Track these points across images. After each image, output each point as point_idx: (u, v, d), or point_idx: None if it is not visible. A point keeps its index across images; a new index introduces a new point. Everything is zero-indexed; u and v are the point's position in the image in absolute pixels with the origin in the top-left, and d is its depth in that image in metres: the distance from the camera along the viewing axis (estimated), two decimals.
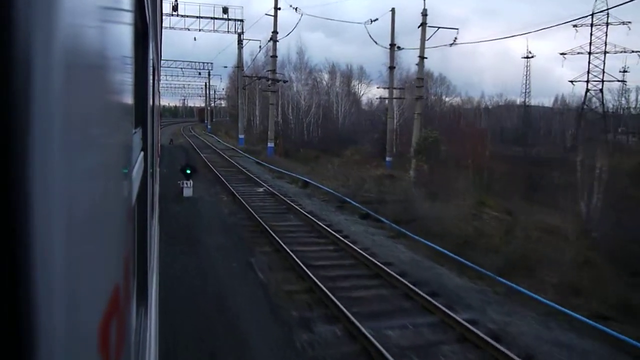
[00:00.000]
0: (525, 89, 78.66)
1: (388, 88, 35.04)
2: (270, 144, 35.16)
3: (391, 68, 34.46)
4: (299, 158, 37.69)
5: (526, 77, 79.17)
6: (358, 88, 68.78)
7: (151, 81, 2.34)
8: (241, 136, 40.87)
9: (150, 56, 2.19)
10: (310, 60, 56.59)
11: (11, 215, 0.32)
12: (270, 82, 34.46)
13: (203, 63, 72.89)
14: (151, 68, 2.33)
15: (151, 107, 2.35)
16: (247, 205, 15.90)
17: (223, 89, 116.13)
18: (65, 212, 0.38)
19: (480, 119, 58.06)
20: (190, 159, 26.84)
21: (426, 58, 32.57)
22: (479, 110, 63.75)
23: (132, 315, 1.11)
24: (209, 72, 73.01)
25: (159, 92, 6.31)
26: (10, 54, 0.31)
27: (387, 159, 35.62)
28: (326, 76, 58.28)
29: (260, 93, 68.88)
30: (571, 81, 59.21)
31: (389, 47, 33.81)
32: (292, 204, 17.08)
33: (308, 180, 22.34)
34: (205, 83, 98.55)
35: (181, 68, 73.96)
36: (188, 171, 16.65)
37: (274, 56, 34.19)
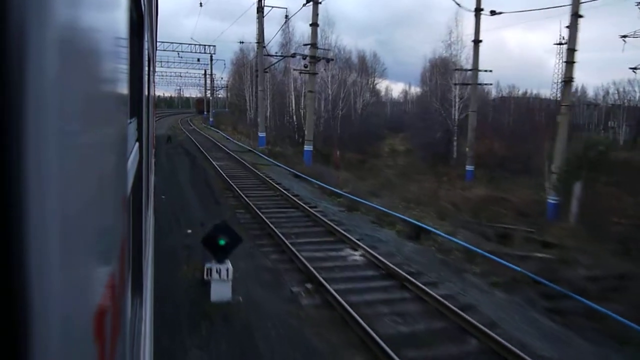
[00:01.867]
0: (558, 77, 69.38)
1: (472, 70, 25.28)
2: (309, 147, 25.37)
3: (476, 42, 24.74)
4: (342, 164, 28.03)
5: (558, 65, 69.92)
6: (372, 78, 58.98)
7: (146, 71, 2.33)
8: (262, 134, 31.08)
9: (146, 46, 2.15)
10: (339, 40, 46.81)
11: (6, 204, 0.32)
12: (309, 60, 24.61)
13: (204, 46, 62.82)
14: (147, 58, 2.32)
15: (146, 97, 2.25)
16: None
17: (222, 77, 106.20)
18: (60, 202, 0.38)
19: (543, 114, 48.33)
20: (210, 192, 16.97)
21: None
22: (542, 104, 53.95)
23: (127, 306, 1.14)
24: (211, 57, 63.09)
25: (154, 82, 6.70)
26: (3, 44, 0.31)
27: (469, 168, 25.95)
28: (355, 61, 48.47)
29: (271, 81, 59.10)
30: (633, 69, 49.40)
31: (473, 11, 24.11)
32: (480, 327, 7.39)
33: (418, 223, 12.60)
34: (205, 70, 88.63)
35: (179, 52, 63.76)
36: (221, 242, 7.03)
37: (315, 24, 24.31)
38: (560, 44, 68.33)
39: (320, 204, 15.90)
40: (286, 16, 29.43)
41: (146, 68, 2.30)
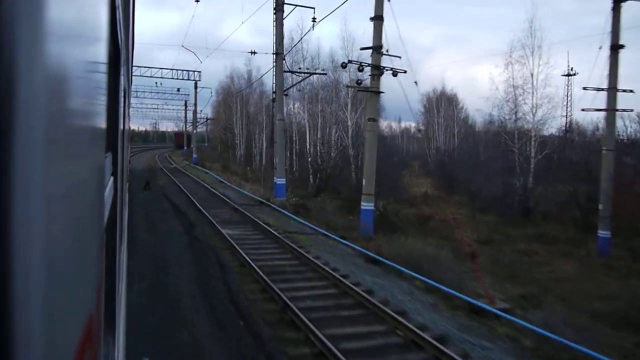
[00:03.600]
0: (567, 113, 62.96)
1: (608, 89, 17.14)
2: (369, 205, 16.53)
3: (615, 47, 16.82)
4: (401, 225, 19.26)
5: (568, 98, 63.64)
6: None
7: (122, 105, 2.33)
8: (281, 180, 22.06)
9: (122, 80, 2.16)
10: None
11: None
12: (371, 72, 16.11)
13: (188, 71, 54.22)
14: (122, 92, 2.32)
15: (122, 131, 2.25)
16: None
17: (201, 110, 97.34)
18: (43, 238, 0.38)
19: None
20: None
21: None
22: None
23: (102, 346, 1.13)
24: (195, 84, 54.33)
25: (129, 116, 6.64)
26: None
27: (603, 234, 17.43)
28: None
29: (266, 111, 50.62)
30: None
31: None
32: None
33: None
34: (186, 101, 79.89)
35: (157, 82, 54.89)
36: None
37: (379, 18, 15.89)
38: (569, 75, 62.78)
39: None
40: (313, 19, 20.99)
41: (122, 102, 2.30)
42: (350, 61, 17.50)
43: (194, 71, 54.57)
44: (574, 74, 63.47)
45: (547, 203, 23.29)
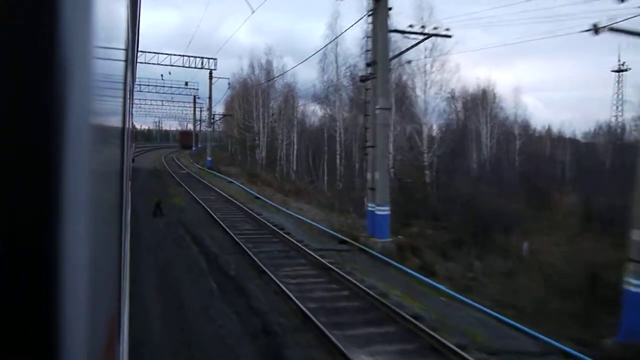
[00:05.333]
0: (616, 110, 54.29)
1: None
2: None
3: None
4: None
5: (618, 95, 54.95)
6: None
7: (127, 104, 2.34)
8: (383, 211, 13.27)
9: (128, 81, 2.17)
10: None
11: (44, 225, 0.34)
12: None
13: (202, 59, 45.60)
14: (128, 91, 2.34)
15: (126, 130, 2.23)
16: None
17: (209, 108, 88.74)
18: (87, 239, 0.40)
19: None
20: None
21: None
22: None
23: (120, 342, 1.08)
24: (210, 73, 45.56)
25: (132, 114, 6.69)
26: (50, 81, 0.35)
27: None
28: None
29: (288, 107, 42.33)
30: None
31: None
32: None
33: None
34: (195, 96, 71.36)
35: (167, 67, 46.53)
36: None
37: None
38: (620, 70, 54.02)
39: None
40: None
41: (128, 102, 2.29)
42: None
43: (209, 58, 45.86)
44: (626, 70, 55.14)
45: None
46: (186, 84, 63.57)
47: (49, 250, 0.34)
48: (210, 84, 45.51)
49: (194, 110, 74.63)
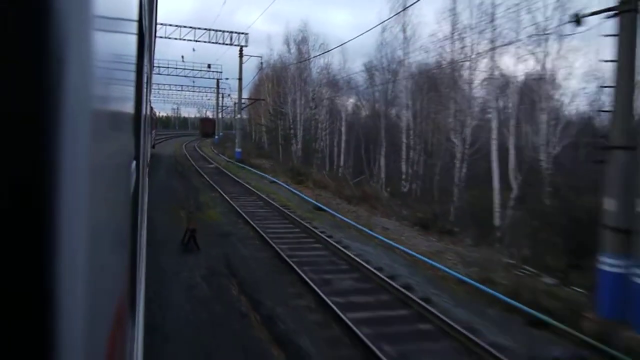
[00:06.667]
0: None
1: None
2: None
3: None
4: None
5: None
6: None
7: (145, 91, 2.31)
8: None
9: (145, 67, 2.15)
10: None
11: (38, 223, 0.33)
12: None
13: (231, 33, 39.08)
14: (146, 77, 2.31)
15: (144, 116, 2.29)
16: None
17: (229, 95, 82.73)
18: (84, 221, 0.39)
19: None
20: None
21: None
22: None
23: (129, 326, 1.10)
24: (240, 50, 38.97)
25: (150, 101, 6.10)
26: (46, 69, 0.32)
27: None
28: None
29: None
30: None
31: None
32: None
33: None
34: (218, 80, 65.05)
35: (192, 42, 40.25)
36: None
37: None
38: None
39: None
40: None
41: (145, 89, 2.25)
42: None
43: (239, 33, 39.30)
44: None
45: None
46: (209, 66, 57.59)
47: (45, 247, 0.33)
48: (241, 62, 38.81)
49: (217, 95, 68.38)
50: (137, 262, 1.83)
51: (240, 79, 39.51)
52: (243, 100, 40.59)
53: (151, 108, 23.07)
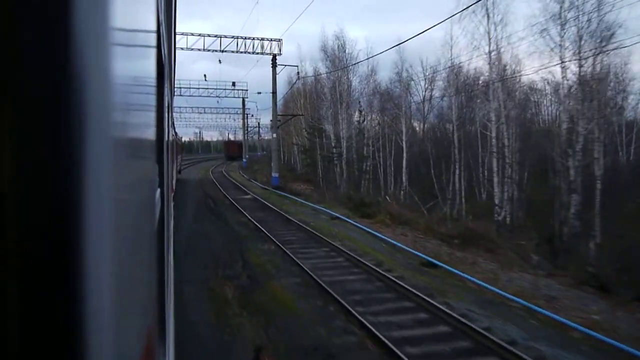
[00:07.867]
0: None
1: None
2: None
3: None
4: None
5: None
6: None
7: (166, 118, 2.34)
8: None
9: (166, 94, 2.20)
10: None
11: (64, 260, 0.32)
12: None
13: (262, 40, 33.74)
14: (166, 106, 2.36)
15: (166, 143, 2.33)
16: None
17: (252, 115, 77.42)
18: (110, 256, 0.39)
19: None
20: None
21: None
22: None
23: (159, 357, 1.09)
24: (274, 57, 33.41)
25: (173, 128, 6.83)
26: (67, 90, 0.32)
27: None
28: None
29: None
30: None
31: None
32: None
33: None
34: (244, 99, 59.76)
35: (217, 54, 34.98)
36: None
37: None
38: None
39: None
40: None
41: (166, 115, 2.28)
42: None
43: (271, 40, 33.94)
44: None
45: None
46: (233, 84, 52.61)
47: (71, 283, 0.32)
48: (274, 73, 33.16)
49: (243, 114, 62.83)
50: (165, 294, 1.77)
51: (274, 92, 33.86)
52: (278, 117, 34.97)
53: (175, 134, 18.57)
